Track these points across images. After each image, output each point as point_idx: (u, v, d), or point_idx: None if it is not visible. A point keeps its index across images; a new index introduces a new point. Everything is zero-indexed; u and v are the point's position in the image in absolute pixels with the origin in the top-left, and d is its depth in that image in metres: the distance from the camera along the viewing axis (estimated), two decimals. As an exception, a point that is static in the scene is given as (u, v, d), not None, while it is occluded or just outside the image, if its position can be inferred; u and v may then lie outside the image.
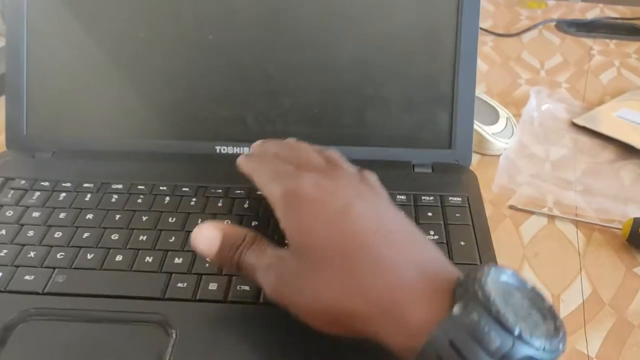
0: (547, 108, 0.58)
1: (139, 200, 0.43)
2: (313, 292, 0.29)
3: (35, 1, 0.48)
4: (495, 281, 0.26)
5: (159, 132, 0.48)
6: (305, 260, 0.30)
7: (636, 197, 0.47)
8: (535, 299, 0.26)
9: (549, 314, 0.26)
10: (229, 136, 0.48)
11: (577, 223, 0.45)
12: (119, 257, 0.38)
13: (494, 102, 0.55)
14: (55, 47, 0.48)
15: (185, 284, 0.37)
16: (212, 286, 0.37)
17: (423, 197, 0.44)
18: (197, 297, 0.36)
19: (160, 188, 0.44)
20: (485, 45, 0.72)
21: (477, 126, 0.51)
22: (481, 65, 0.67)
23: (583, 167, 0.51)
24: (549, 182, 0.49)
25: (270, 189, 0.33)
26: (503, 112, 0.54)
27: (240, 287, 0.36)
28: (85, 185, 0.45)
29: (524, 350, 0.24)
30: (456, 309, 0.25)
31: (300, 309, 0.30)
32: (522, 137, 0.54)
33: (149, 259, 0.38)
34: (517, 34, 0.75)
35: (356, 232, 0.29)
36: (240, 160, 0.39)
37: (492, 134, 0.52)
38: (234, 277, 0.37)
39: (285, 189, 0.32)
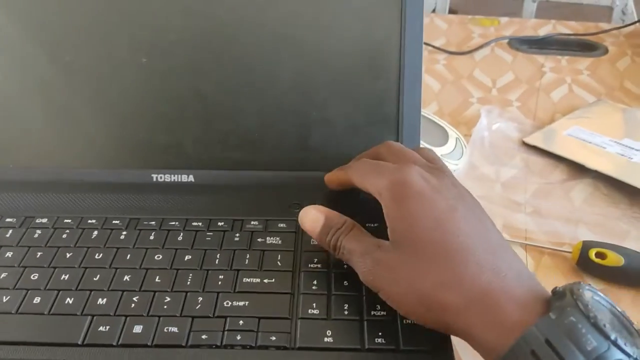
0: (498, 127, 0.58)
1: (64, 236, 0.40)
2: (410, 281, 0.31)
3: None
4: (591, 296, 0.27)
5: (90, 161, 0.46)
6: (405, 252, 0.31)
7: (586, 218, 0.46)
8: (624, 319, 0.28)
9: (637, 334, 0.27)
10: (165, 163, 0.46)
11: (526, 247, 0.44)
12: (37, 299, 0.36)
13: (443, 123, 0.54)
14: (-22, 72, 0.46)
15: (108, 328, 0.34)
16: (137, 329, 0.34)
17: (367, 224, 0.42)
18: (120, 342, 0.33)
19: (89, 221, 0.42)
20: (438, 64, 0.72)
21: (425, 146, 0.50)
22: (433, 84, 0.66)
23: (534, 188, 0.50)
24: (499, 204, 0.48)
25: (374, 180, 0.35)
26: (452, 133, 0.53)
27: (167, 329, 0.34)
28: (7, 220, 0.42)
29: (617, 355, 0.25)
30: (553, 313, 0.27)
31: (393, 296, 0.32)
32: (472, 157, 0.53)
33: (69, 301, 0.35)
34: (470, 52, 0.74)
35: (459, 234, 0.31)
36: (332, 172, 0.41)
37: (441, 155, 0.50)
38: (161, 318, 0.35)
39: (393, 178, 0.34)
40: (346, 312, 0.35)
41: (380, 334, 0.34)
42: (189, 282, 0.37)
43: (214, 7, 0.45)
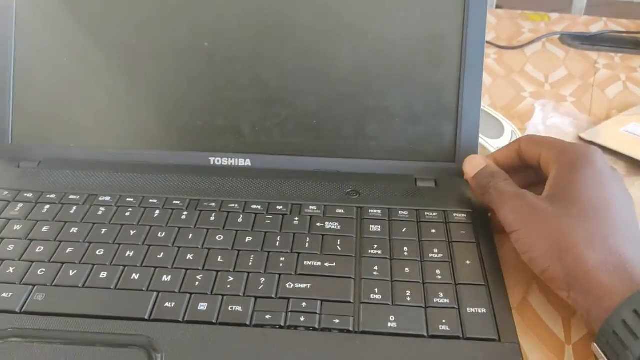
0: (553, 122, 0.57)
1: (127, 214, 0.41)
2: (555, 229, 0.34)
3: (24, 6, 0.46)
4: None
5: (150, 142, 0.46)
6: (561, 205, 0.35)
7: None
8: None
9: None
10: (223, 147, 0.46)
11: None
12: (103, 274, 0.36)
13: (498, 115, 0.53)
14: (43, 53, 0.46)
15: (174, 304, 0.34)
16: (202, 306, 0.34)
17: (426, 213, 0.42)
18: (186, 319, 0.34)
19: (150, 201, 0.42)
20: (488, 58, 0.71)
21: (482, 139, 0.49)
22: (485, 78, 0.65)
23: (591, 183, 0.49)
24: (557, 198, 0.47)
25: (551, 150, 0.38)
26: (508, 126, 0.53)
27: (231, 308, 0.34)
28: (71, 197, 0.42)
29: None
30: None
31: (528, 237, 0.35)
32: (527, 151, 0.52)
33: (135, 277, 0.36)
34: (520, 47, 0.73)
35: (617, 210, 0.35)
36: (495, 152, 0.44)
37: (497, 147, 0.50)
38: (225, 297, 0.35)
39: (579, 150, 0.38)
40: (409, 299, 0.35)
41: (444, 321, 0.34)
42: (250, 263, 0.37)
43: (277, -8, 0.45)
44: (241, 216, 0.41)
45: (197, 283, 0.36)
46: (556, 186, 0.36)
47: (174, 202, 0.42)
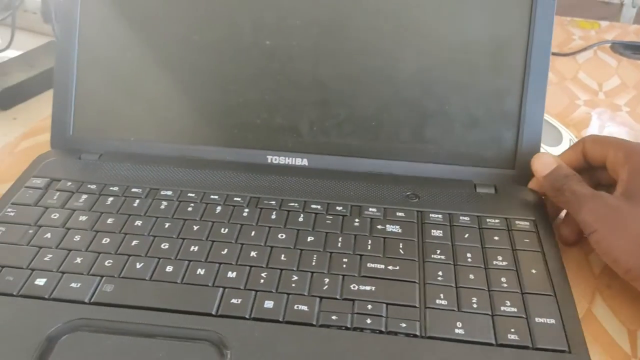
0: (610, 131, 0.56)
1: (189, 209, 0.41)
2: (635, 227, 0.35)
3: (88, 2, 0.47)
4: None
5: (209, 138, 0.47)
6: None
7: None
8: None
9: None
10: (281, 146, 0.46)
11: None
12: (169, 268, 0.36)
13: (556, 123, 0.53)
14: (106, 47, 0.47)
15: (240, 301, 0.34)
16: (268, 304, 0.34)
17: (488, 220, 0.41)
18: (252, 316, 0.34)
19: (211, 197, 0.42)
20: (539, 64, 0.70)
21: (541, 147, 0.48)
22: (536, 84, 0.65)
23: (652, 195, 0.48)
24: (618, 209, 0.46)
25: (618, 149, 0.39)
26: (566, 134, 0.52)
27: (297, 307, 0.34)
28: (134, 190, 0.43)
29: None
30: None
31: (609, 238, 0.35)
32: (585, 160, 0.51)
33: (200, 272, 0.36)
34: (572, 54, 0.72)
35: None
36: (562, 153, 0.44)
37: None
38: (290, 296, 0.35)
39: (638, 147, 0.38)
40: (475, 306, 0.35)
41: (512, 330, 0.33)
42: (313, 263, 0.37)
43: (341, -7, 0.45)
44: (302, 215, 0.41)
45: (261, 280, 0.36)
46: (632, 186, 0.37)
47: (235, 198, 0.42)
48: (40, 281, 0.35)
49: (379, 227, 0.40)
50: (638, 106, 0.62)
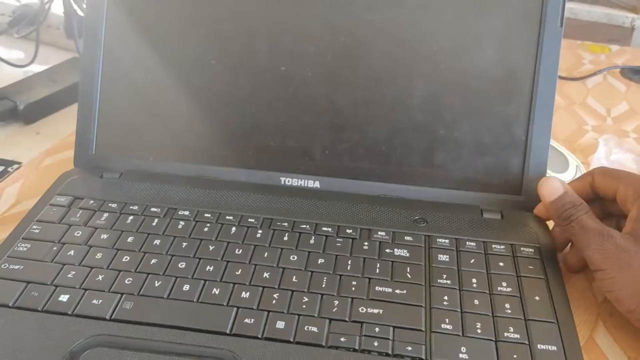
0: (617, 158, 0.57)
1: (206, 229, 0.43)
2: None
3: (112, 24, 0.49)
4: None
5: (225, 160, 0.48)
6: None
7: None
8: None
9: None
10: (294, 168, 0.48)
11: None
12: (186, 287, 0.38)
13: (563, 149, 0.54)
14: (128, 70, 0.49)
15: (253, 320, 0.36)
16: (280, 325, 0.36)
17: (494, 246, 0.42)
18: (265, 335, 0.35)
19: (227, 217, 0.44)
20: (548, 88, 0.71)
21: (547, 173, 0.50)
22: (545, 109, 0.66)
23: (656, 223, 0.49)
24: (622, 237, 0.47)
25: (629, 183, 0.39)
26: (572, 160, 0.53)
27: (307, 328, 0.36)
28: (153, 209, 0.44)
29: None
30: None
31: (618, 278, 0.36)
32: (591, 187, 0.52)
33: (215, 291, 0.38)
34: (582, 79, 0.73)
35: None
36: (572, 182, 0.44)
37: (562, 182, 0.50)
38: (300, 316, 0.36)
39: None
40: (479, 331, 0.36)
41: (515, 356, 0.34)
42: (324, 285, 0.39)
43: (354, 23, 0.47)
44: (313, 237, 0.43)
45: (274, 301, 0.37)
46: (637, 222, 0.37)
47: (249, 219, 0.44)
48: (64, 297, 0.37)
49: (387, 250, 0.42)
50: (645, 132, 0.63)
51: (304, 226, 0.44)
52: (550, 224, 0.45)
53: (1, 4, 0.91)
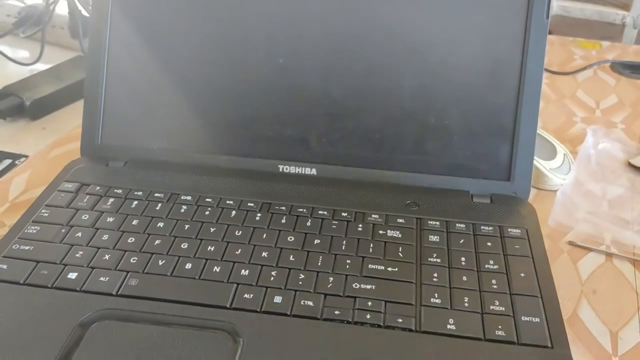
0: (604, 147, 0.59)
1: (207, 212, 0.45)
2: None
3: (117, 20, 0.51)
4: None
5: (225, 148, 0.50)
6: None
7: (696, 241, 0.47)
8: None
9: None
10: (291, 156, 0.50)
11: (634, 262, 0.45)
12: (188, 265, 0.40)
13: (551, 138, 0.56)
14: (132, 63, 0.51)
15: (252, 296, 0.38)
16: (277, 299, 0.38)
17: (482, 227, 0.44)
18: (263, 309, 0.37)
19: (227, 202, 0.46)
20: (540, 82, 0.73)
21: (535, 161, 0.52)
22: (536, 101, 0.68)
23: (640, 208, 0.51)
24: (607, 220, 0.49)
25: None
26: (560, 149, 0.55)
27: (303, 302, 0.38)
28: (156, 194, 0.47)
29: None
30: None
31: None
32: (578, 174, 0.54)
33: (216, 269, 0.40)
34: (572, 73, 0.75)
35: None
36: None
37: (550, 169, 0.52)
38: (297, 292, 0.38)
39: None
40: (466, 305, 0.38)
41: (499, 327, 0.36)
42: (319, 263, 0.41)
43: (349, 17, 0.49)
44: (309, 220, 0.45)
45: (272, 278, 0.39)
46: None
47: (248, 204, 0.46)
48: (72, 275, 0.39)
49: (380, 232, 0.44)
50: (633, 123, 0.65)
51: (301, 210, 0.46)
52: (538, 210, 0.47)
53: (7, 5, 0.93)
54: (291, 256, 0.41)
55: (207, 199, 0.46)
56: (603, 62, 0.78)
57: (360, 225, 0.44)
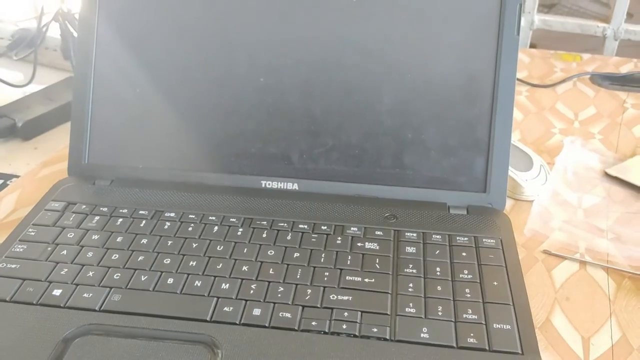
0: (581, 157, 0.60)
1: (190, 228, 0.46)
2: None
3: (102, 44, 0.53)
4: None
5: (209, 166, 0.52)
6: None
7: (668, 248, 0.48)
8: None
9: None
10: (274, 172, 0.51)
11: (607, 270, 0.46)
12: (170, 280, 0.41)
13: (527, 149, 0.57)
14: (117, 84, 0.53)
15: (232, 308, 0.39)
16: (256, 311, 0.39)
17: (457, 238, 0.46)
18: (242, 322, 0.38)
19: (210, 218, 0.47)
20: (520, 95, 0.75)
21: (512, 172, 0.53)
22: (516, 114, 0.70)
23: (615, 216, 0.52)
24: (581, 228, 0.50)
25: None
26: (537, 159, 0.56)
27: (282, 314, 0.39)
28: (141, 212, 0.48)
29: None
30: None
31: None
32: (555, 184, 0.56)
33: (198, 283, 0.41)
34: (552, 85, 0.77)
35: None
36: None
37: (526, 179, 0.54)
38: (276, 304, 0.39)
39: None
40: (440, 314, 0.39)
41: (471, 334, 0.37)
42: (298, 276, 0.42)
43: (327, 37, 0.50)
44: (290, 234, 0.46)
45: (251, 291, 0.40)
46: None
47: (231, 219, 0.47)
48: (57, 292, 0.40)
49: (358, 244, 0.45)
50: (611, 134, 0.66)
51: (282, 224, 0.47)
52: (515, 220, 0.48)
53: (0, 28, 0.95)
54: (271, 269, 0.42)
55: (190, 215, 0.47)
56: (582, 74, 0.80)
57: (339, 238, 0.45)
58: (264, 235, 0.46)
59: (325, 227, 0.47)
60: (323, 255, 0.44)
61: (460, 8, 0.49)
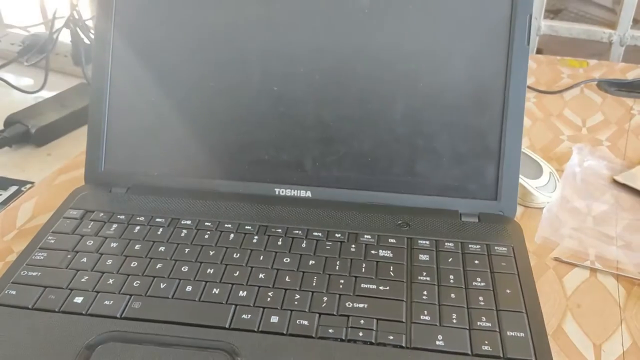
0: (589, 165, 0.61)
1: (206, 236, 0.47)
2: None
3: (119, 52, 0.53)
4: None
5: (223, 173, 0.53)
6: None
7: (677, 255, 0.49)
8: None
9: None
10: (287, 179, 0.52)
11: (618, 277, 0.47)
12: (188, 288, 0.42)
13: (537, 157, 0.58)
14: (133, 92, 0.53)
15: (250, 316, 0.40)
16: (274, 319, 0.40)
17: (470, 245, 0.46)
18: (260, 329, 0.39)
19: (225, 225, 0.48)
20: (528, 102, 0.75)
21: (522, 179, 0.54)
22: (524, 121, 0.70)
23: (624, 223, 0.53)
24: (591, 236, 0.51)
25: None
26: (546, 167, 0.57)
27: (299, 322, 0.39)
28: (157, 219, 0.49)
29: None
30: None
31: None
32: (564, 191, 0.56)
33: (216, 291, 0.42)
34: (559, 92, 0.78)
35: None
36: None
37: (536, 187, 0.54)
38: (293, 312, 0.40)
39: None
40: (454, 321, 0.40)
41: (486, 342, 0.38)
42: (314, 284, 0.42)
43: (339, 46, 0.51)
44: (304, 242, 0.47)
45: (268, 299, 0.41)
46: None
47: (246, 227, 0.48)
48: (78, 299, 0.41)
49: (372, 252, 0.46)
50: (618, 140, 0.67)
51: (297, 232, 0.48)
52: (525, 227, 0.49)
53: (11, 34, 0.96)
54: (287, 277, 0.43)
55: (206, 223, 0.48)
56: (590, 80, 0.80)
57: (353, 246, 0.46)
58: (279, 243, 0.46)
59: (339, 235, 0.47)
60: (338, 263, 0.44)
61: (471, 18, 0.50)
